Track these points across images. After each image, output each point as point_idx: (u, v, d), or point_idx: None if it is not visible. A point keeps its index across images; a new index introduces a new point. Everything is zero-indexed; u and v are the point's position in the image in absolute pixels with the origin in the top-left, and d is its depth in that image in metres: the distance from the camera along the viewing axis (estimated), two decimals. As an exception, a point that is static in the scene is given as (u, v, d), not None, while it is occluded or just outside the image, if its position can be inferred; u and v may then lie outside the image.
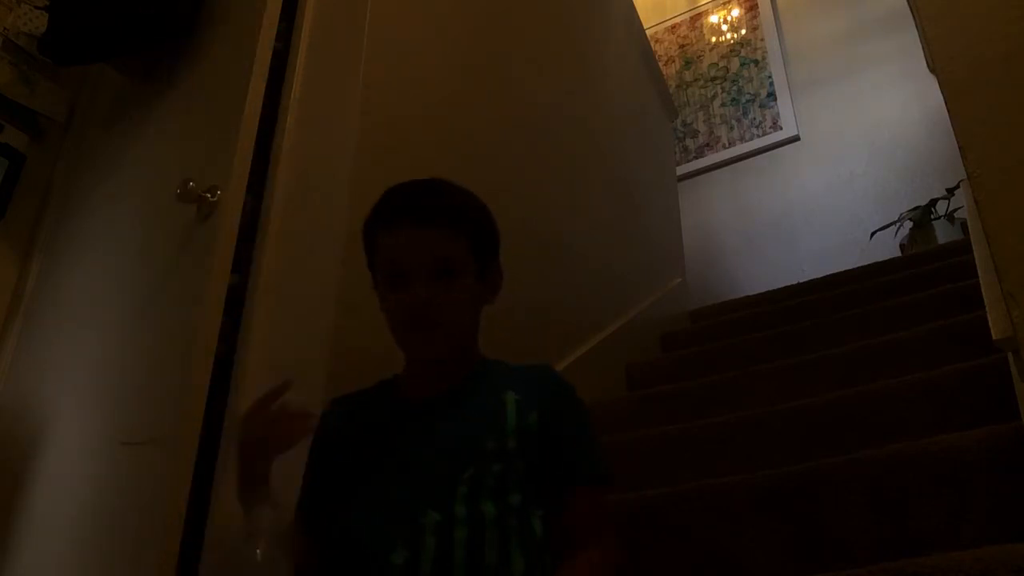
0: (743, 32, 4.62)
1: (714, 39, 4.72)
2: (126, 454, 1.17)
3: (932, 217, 3.32)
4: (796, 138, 4.16)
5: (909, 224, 3.39)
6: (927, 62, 3.11)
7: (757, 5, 4.61)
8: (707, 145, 4.44)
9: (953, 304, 1.82)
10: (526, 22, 2.22)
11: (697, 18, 4.85)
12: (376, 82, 1.37)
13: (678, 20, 4.91)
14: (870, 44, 4.10)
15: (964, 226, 3.02)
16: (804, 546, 1.13)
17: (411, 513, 0.79)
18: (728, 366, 1.96)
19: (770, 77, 4.37)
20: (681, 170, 4.26)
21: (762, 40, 4.51)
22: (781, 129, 4.21)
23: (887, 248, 3.45)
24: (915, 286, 2.16)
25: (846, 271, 2.89)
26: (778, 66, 4.37)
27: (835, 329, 2.01)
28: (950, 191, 3.19)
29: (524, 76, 2.12)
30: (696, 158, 4.42)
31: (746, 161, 4.28)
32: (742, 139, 4.33)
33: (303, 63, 1.34)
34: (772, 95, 4.32)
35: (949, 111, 1.04)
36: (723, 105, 4.49)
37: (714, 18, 4.78)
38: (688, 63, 4.75)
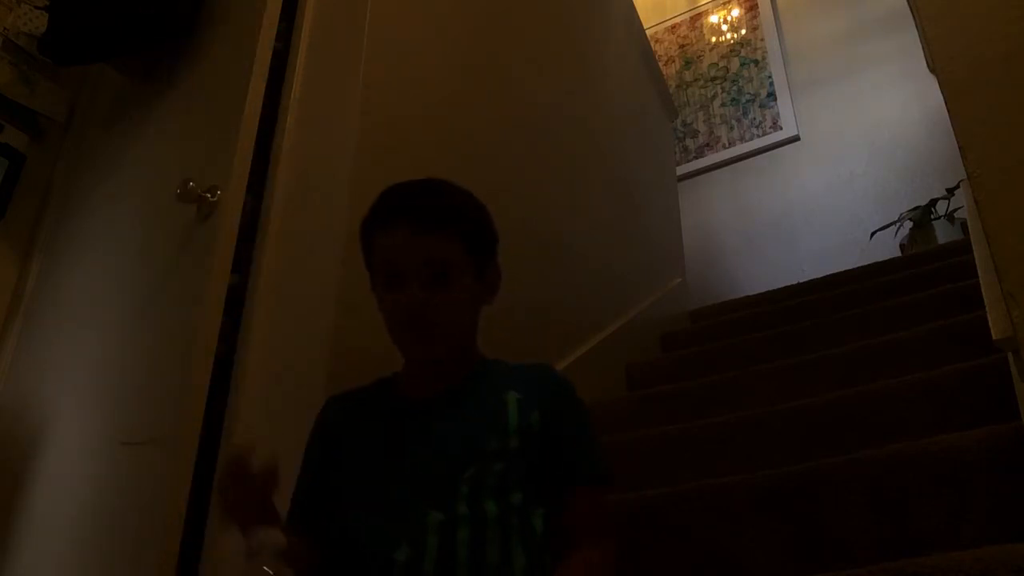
0: (743, 32, 4.61)
1: (714, 39, 4.72)
2: (126, 454, 1.17)
3: (932, 217, 3.32)
4: (796, 138, 4.15)
5: (909, 224, 3.39)
6: (927, 62, 3.11)
7: (757, 5, 4.61)
8: (707, 145, 4.43)
9: (953, 304, 1.81)
10: (526, 22, 2.22)
11: (697, 18, 4.85)
12: (376, 82, 1.37)
13: (678, 20, 4.91)
14: (870, 44, 4.10)
15: (964, 226, 3.02)
16: (804, 546, 1.13)
17: (413, 512, 0.79)
18: (728, 366, 1.96)
19: (770, 77, 4.37)
20: (681, 170, 4.25)
21: (762, 40, 4.51)
22: (781, 129, 4.21)
23: (887, 248, 3.44)
24: (915, 286, 2.16)
25: (846, 271, 2.89)
26: (778, 66, 4.36)
27: (835, 329, 2.01)
28: (950, 191, 3.19)
29: (524, 76, 2.12)
30: (696, 158, 4.42)
31: (746, 161, 4.27)
32: (742, 139, 4.33)
33: (303, 63, 1.34)
34: (772, 95, 4.31)
35: (949, 111, 1.04)
36: (723, 105, 4.48)
37: (714, 18, 4.78)
38: (688, 63, 4.75)
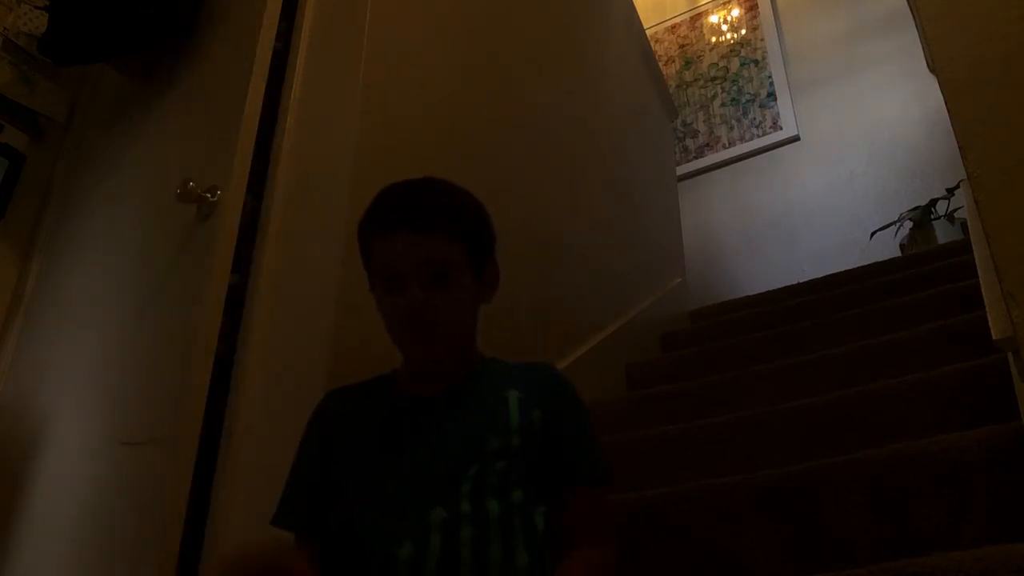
0: (743, 32, 4.61)
1: (714, 39, 4.72)
2: (126, 454, 1.17)
3: (932, 217, 3.31)
4: (796, 138, 4.15)
5: (909, 224, 3.39)
6: (927, 62, 3.11)
7: (757, 5, 4.61)
8: (707, 145, 4.43)
9: (953, 304, 1.81)
10: (526, 22, 2.22)
11: (697, 18, 4.85)
12: (376, 82, 1.37)
13: (678, 20, 4.91)
14: (870, 44, 4.10)
15: (964, 226, 3.02)
16: (804, 546, 1.13)
17: (414, 511, 0.79)
18: (728, 366, 1.96)
19: (770, 77, 4.37)
20: (681, 170, 4.25)
21: (762, 40, 4.51)
22: (781, 129, 4.21)
23: (887, 248, 3.44)
24: (915, 286, 2.16)
25: (846, 271, 2.89)
26: (778, 66, 4.36)
27: (835, 329, 2.00)
28: (950, 191, 3.19)
29: (524, 76, 2.12)
30: (696, 158, 4.42)
31: (746, 161, 4.27)
32: (742, 139, 4.32)
33: (303, 63, 1.34)
34: (772, 95, 4.31)
35: (949, 111, 1.04)
36: (723, 105, 4.48)
37: (714, 18, 4.78)
38: (688, 63, 4.75)
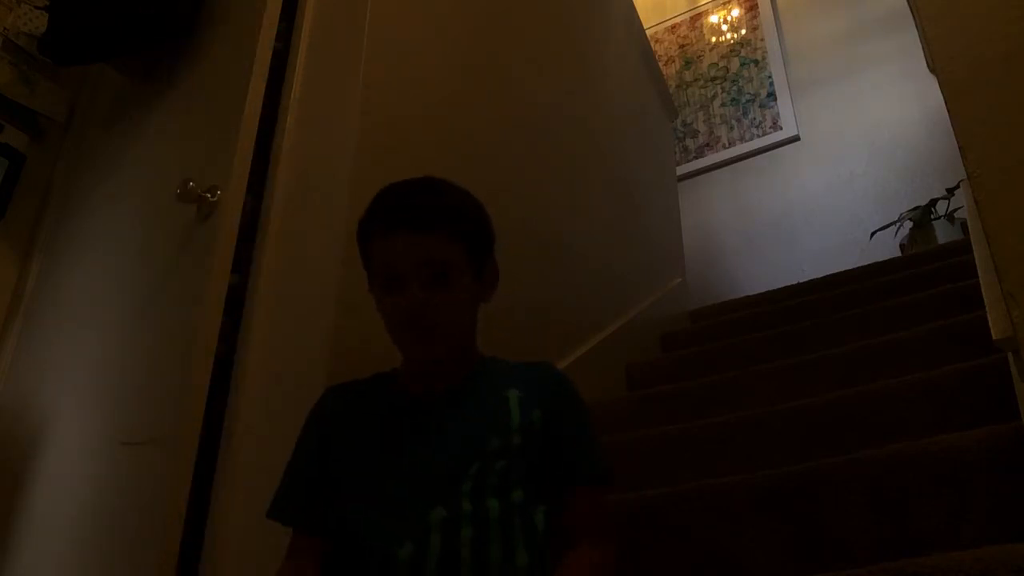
0: (743, 32, 4.61)
1: (714, 39, 4.72)
2: (126, 454, 1.17)
3: (932, 217, 3.31)
4: (796, 138, 4.15)
5: (909, 224, 3.39)
6: (927, 62, 3.11)
7: (757, 5, 4.61)
8: (707, 145, 4.43)
9: (953, 304, 1.81)
10: (526, 22, 2.22)
11: (697, 18, 4.85)
12: (376, 82, 1.36)
13: (678, 20, 4.91)
14: (870, 44, 4.10)
15: (964, 226, 3.02)
16: (804, 546, 1.13)
17: (414, 510, 0.79)
18: (728, 366, 1.96)
19: (770, 77, 4.36)
20: (681, 170, 4.25)
21: (762, 40, 4.51)
22: (781, 129, 4.21)
23: (887, 248, 3.44)
24: (915, 286, 2.16)
25: (846, 271, 2.89)
26: (778, 66, 4.36)
27: (835, 329, 2.00)
28: (950, 191, 3.19)
29: (524, 76, 2.12)
30: (696, 158, 4.42)
31: (746, 161, 4.27)
32: (742, 139, 4.32)
33: (303, 63, 1.34)
34: (772, 95, 4.31)
35: (949, 111, 1.04)
36: (723, 105, 4.48)
37: (714, 18, 4.78)
38: (688, 63, 4.75)
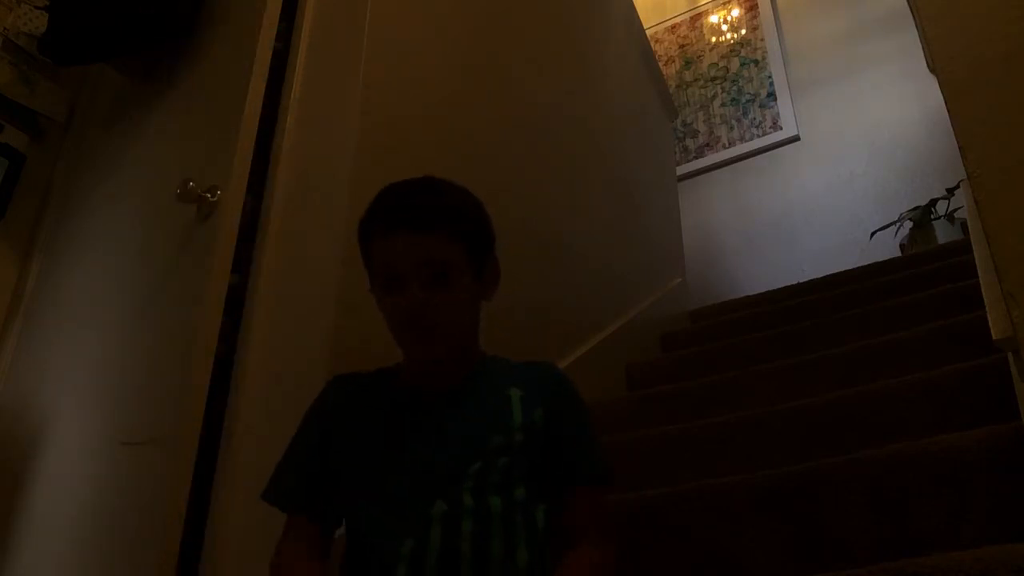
0: (743, 32, 4.61)
1: (714, 39, 4.72)
2: (126, 454, 1.17)
3: (932, 217, 3.31)
4: (796, 138, 4.15)
5: (909, 224, 3.39)
6: (927, 62, 3.11)
7: (757, 5, 4.61)
8: (707, 145, 4.43)
9: (953, 304, 1.81)
10: (526, 22, 2.22)
11: (697, 18, 4.85)
12: (376, 82, 1.37)
13: (678, 20, 4.91)
14: (870, 44, 4.10)
15: (964, 226, 3.02)
16: (804, 546, 1.13)
17: (414, 508, 0.79)
18: (728, 366, 1.96)
19: (770, 77, 4.36)
20: (681, 170, 4.25)
21: (762, 40, 4.51)
22: (781, 129, 4.21)
23: (887, 248, 3.44)
24: (915, 286, 2.16)
25: (846, 271, 2.89)
26: (778, 66, 4.36)
27: (835, 329, 2.00)
28: (950, 191, 3.19)
29: (524, 76, 2.12)
30: (696, 158, 4.42)
31: (746, 161, 4.27)
32: (742, 139, 4.32)
33: (303, 63, 1.34)
34: (772, 95, 4.31)
35: (949, 111, 1.04)
36: (723, 105, 4.48)
37: (714, 18, 4.78)
38: (688, 63, 4.75)
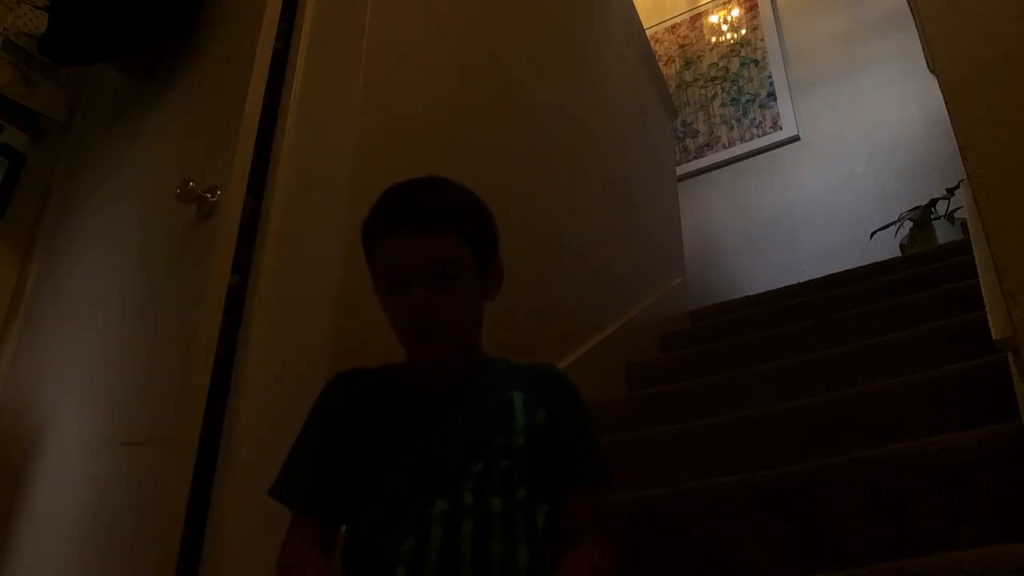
0: (743, 32, 4.61)
1: (714, 39, 4.72)
2: (126, 454, 1.17)
3: (932, 217, 3.31)
4: (796, 138, 4.15)
5: (909, 224, 3.39)
6: (927, 62, 3.11)
7: (757, 5, 4.61)
8: (707, 145, 4.43)
9: (953, 304, 1.81)
10: (526, 22, 2.22)
11: (697, 18, 4.85)
12: (376, 82, 1.37)
13: (678, 20, 4.91)
14: (870, 44, 4.10)
15: (964, 226, 3.02)
16: (804, 546, 1.13)
17: (414, 508, 0.79)
18: (728, 366, 1.96)
19: (770, 77, 4.36)
20: (681, 170, 4.25)
21: (762, 40, 4.51)
22: (781, 129, 4.21)
23: (887, 248, 3.44)
24: (915, 286, 2.16)
25: (846, 271, 2.89)
26: (778, 66, 4.36)
27: (835, 329, 2.00)
28: (950, 191, 3.19)
29: (524, 76, 2.12)
30: (696, 158, 4.42)
31: (746, 161, 4.27)
32: (742, 139, 4.32)
33: (303, 63, 1.34)
34: (772, 95, 4.31)
35: (949, 111, 1.04)
36: (723, 105, 4.48)
37: (714, 18, 4.78)
38: (688, 63, 4.75)
